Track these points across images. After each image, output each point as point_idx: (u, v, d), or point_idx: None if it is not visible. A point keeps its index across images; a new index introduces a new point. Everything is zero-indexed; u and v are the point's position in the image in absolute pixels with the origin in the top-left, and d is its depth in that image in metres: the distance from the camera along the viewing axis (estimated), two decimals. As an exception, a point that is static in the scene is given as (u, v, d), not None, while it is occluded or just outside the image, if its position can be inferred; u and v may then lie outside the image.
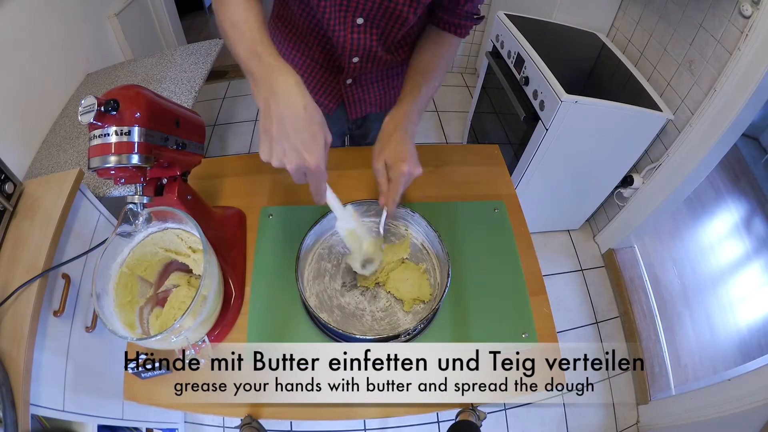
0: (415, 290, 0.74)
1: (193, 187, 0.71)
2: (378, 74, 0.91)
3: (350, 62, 0.82)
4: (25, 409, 0.75)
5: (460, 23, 0.79)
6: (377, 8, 0.70)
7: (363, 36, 0.76)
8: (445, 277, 0.70)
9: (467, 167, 0.99)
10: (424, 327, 0.72)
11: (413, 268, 0.77)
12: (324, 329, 0.72)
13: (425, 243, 0.80)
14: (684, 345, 1.68)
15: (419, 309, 0.74)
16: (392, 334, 0.66)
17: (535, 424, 1.56)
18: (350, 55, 0.80)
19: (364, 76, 0.89)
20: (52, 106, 1.55)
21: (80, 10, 1.71)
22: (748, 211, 2.17)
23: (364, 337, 0.66)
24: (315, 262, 0.79)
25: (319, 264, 0.79)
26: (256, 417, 0.68)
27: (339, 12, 0.71)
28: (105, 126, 0.53)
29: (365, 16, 0.72)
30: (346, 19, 0.72)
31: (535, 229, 2.01)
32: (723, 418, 1.20)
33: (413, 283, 0.75)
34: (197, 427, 1.51)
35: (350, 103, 0.94)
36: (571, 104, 1.37)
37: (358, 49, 0.78)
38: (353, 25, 0.73)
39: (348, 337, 0.67)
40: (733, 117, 1.29)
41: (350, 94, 0.92)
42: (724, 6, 1.27)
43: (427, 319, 0.68)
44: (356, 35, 0.75)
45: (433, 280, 0.76)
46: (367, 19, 0.73)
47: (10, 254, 0.88)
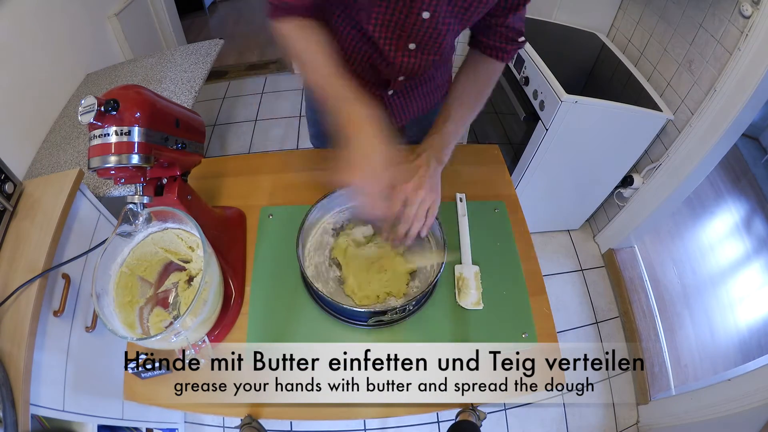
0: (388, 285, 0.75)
1: (193, 187, 0.71)
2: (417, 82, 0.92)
3: (396, 80, 0.85)
4: (25, 409, 0.75)
5: (503, 47, 0.79)
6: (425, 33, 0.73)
7: (414, 60, 0.79)
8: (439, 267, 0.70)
9: (467, 167, 0.99)
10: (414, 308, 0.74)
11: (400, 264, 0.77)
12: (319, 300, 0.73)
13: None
14: (684, 345, 1.68)
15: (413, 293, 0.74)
16: (380, 309, 0.68)
17: (535, 424, 1.56)
18: (398, 75, 0.83)
19: (407, 87, 0.91)
20: (52, 106, 1.55)
21: (80, 10, 1.71)
22: (748, 211, 2.17)
23: (351, 308, 0.68)
24: (319, 235, 0.81)
25: (322, 237, 0.81)
26: (256, 417, 0.68)
27: (393, 38, 0.74)
28: (105, 126, 0.53)
29: (417, 42, 0.75)
30: (399, 44, 0.75)
31: (535, 229, 2.01)
32: (723, 418, 1.20)
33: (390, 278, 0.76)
34: (197, 427, 1.51)
35: (394, 113, 0.95)
36: (571, 104, 1.37)
37: (407, 70, 0.81)
38: (405, 49, 0.76)
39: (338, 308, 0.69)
40: (733, 117, 1.29)
41: (394, 104, 0.93)
42: (724, 6, 1.27)
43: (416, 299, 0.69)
44: (407, 59, 0.78)
45: (430, 266, 0.77)
46: (419, 45, 0.75)
47: (10, 254, 0.88)
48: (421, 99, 0.96)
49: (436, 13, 0.68)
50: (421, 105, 0.97)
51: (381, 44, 0.74)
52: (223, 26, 3.60)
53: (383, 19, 0.70)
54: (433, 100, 0.99)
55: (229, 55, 3.04)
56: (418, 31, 0.72)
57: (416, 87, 0.92)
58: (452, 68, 1.01)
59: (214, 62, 1.73)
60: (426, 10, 0.68)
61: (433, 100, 0.98)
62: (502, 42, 0.79)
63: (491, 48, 0.80)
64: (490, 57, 0.81)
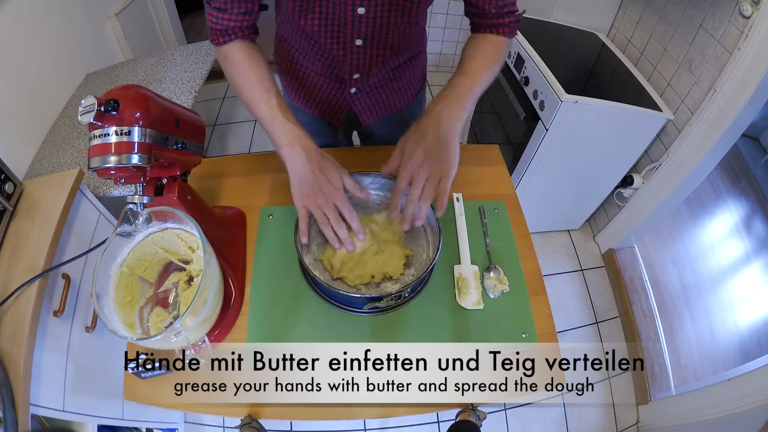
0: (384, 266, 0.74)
1: (193, 187, 0.71)
2: (381, 79, 0.92)
3: (352, 78, 0.86)
4: (25, 409, 0.75)
5: (500, 21, 0.76)
6: (366, 28, 0.73)
7: (363, 56, 0.79)
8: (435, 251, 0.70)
9: (467, 167, 0.98)
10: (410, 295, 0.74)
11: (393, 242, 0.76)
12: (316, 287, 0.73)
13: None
14: (684, 345, 1.68)
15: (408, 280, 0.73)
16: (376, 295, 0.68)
17: (535, 424, 1.56)
18: (352, 72, 0.84)
19: (368, 85, 0.91)
20: (52, 106, 1.55)
21: (80, 10, 1.71)
22: (748, 211, 2.17)
23: (347, 293, 0.68)
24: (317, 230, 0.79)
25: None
26: (256, 417, 0.68)
27: (336, 36, 0.75)
28: (105, 126, 0.53)
29: (363, 38, 0.75)
30: (344, 42, 0.76)
31: (535, 229, 2.01)
32: (723, 418, 1.20)
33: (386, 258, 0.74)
34: (197, 427, 1.51)
35: (360, 112, 0.96)
36: (571, 104, 1.37)
37: (360, 67, 0.82)
38: (353, 45, 0.77)
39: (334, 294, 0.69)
40: (733, 117, 1.29)
41: (357, 103, 0.94)
42: (724, 6, 1.27)
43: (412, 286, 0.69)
44: (356, 55, 0.79)
45: (426, 255, 0.75)
46: (365, 40, 0.76)
47: (10, 254, 0.88)
48: (387, 98, 0.96)
49: (371, 8, 0.69)
50: (389, 104, 0.97)
51: (327, 44, 0.76)
52: (223, 26, 3.59)
53: (321, 20, 0.72)
54: (403, 100, 0.99)
55: (229, 55, 3.03)
56: (359, 27, 0.73)
57: (380, 86, 0.92)
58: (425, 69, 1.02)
59: (214, 62, 1.73)
60: (360, 6, 0.69)
61: (403, 99, 0.98)
62: (499, 18, 0.75)
63: (490, 27, 0.76)
64: (490, 33, 0.77)
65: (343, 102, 0.93)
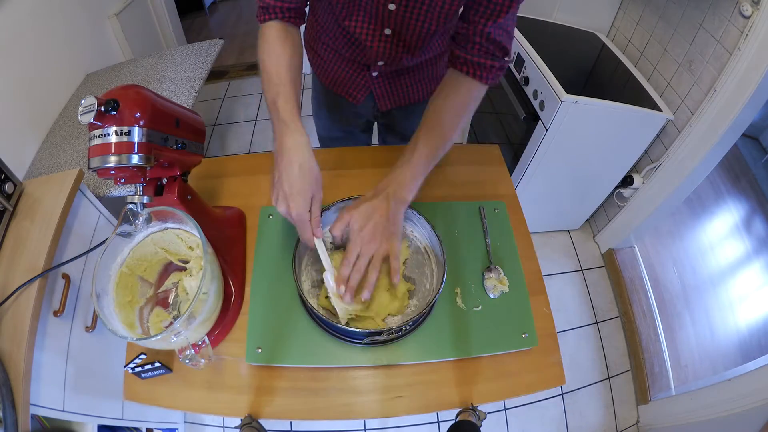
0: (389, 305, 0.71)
1: (193, 187, 0.71)
2: (403, 69, 0.94)
3: (376, 64, 0.88)
4: (25, 409, 0.75)
5: (482, 62, 0.71)
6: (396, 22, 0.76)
7: (390, 45, 0.82)
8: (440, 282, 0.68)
9: (467, 167, 0.99)
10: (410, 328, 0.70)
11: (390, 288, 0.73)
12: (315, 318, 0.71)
13: (428, 246, 0.78)
14: (684, 345, 1.68)
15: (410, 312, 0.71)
16: (375, 330, 0.64)
17: (535, 424, 1.56)
18: (377, 59, 0.86)
19: (390, 71, 0.93)
20: (52, 106, 1.55)
21: (80, 10, 1.71)
22: (748, 211, 2.17)
23: (346, 327, 0.64)
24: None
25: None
26: (256, 417, 0.68)
27: (367, 26, 0.78)
28: (105, 126, 0.53)
29: (392, 28, 0.78)
30: (375, 31, 0.79)
31: (535, 229, 2.02)
32: (723, 418, 1.20)
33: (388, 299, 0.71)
34: (197, 427, 1.51)
35: (379, 96, 0.98)
36: (571, 104, 1.37)
37: (385, 56, 0.85)
38: (381, 35, 0.80)
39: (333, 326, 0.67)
40: (733, 117, 1.29)
41: (377, 87, 0.96)
42: (724, 6, 1.27)
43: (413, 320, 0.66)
44: (383, 44, 0.82)
45: (429, 285, 0.74)
46: (395, 31, 0.79)
47: (10, 254, 0.88)
48: (407, 88, 0.98)
49: (402, 6, 0.72)
50: (407, 94, 1.00)
51: (357, 32, 0.79)
52: (223, 26, 3.60)
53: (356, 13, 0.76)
54: (422, 93, 1.01)
55: (229, 55, 3.04)
56: (390, 19, 0.75)
57: (401, 75, 0.95)
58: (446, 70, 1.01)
59: (214, 62, 1.73)
60: (392, 3, 0.72)
61: (422, 93, 1.01)
62: (481, 57, 0.70)
63: (468, 64, 0.72)
64: (467, 75, 0.73)
65: (363, 84, 0.96)
